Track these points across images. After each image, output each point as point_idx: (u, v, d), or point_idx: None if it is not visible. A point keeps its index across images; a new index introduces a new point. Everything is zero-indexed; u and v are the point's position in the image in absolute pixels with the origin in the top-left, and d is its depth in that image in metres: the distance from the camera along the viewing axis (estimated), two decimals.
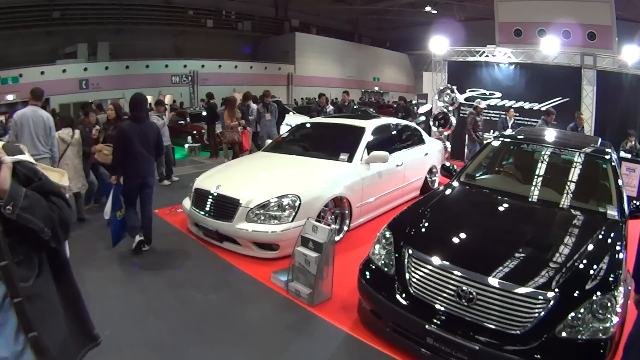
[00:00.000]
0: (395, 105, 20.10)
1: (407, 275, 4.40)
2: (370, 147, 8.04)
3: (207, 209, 6.96)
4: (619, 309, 3.76)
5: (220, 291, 5.80)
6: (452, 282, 4.11)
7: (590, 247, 4.46)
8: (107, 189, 7.56)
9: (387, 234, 4.89)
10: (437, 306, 4.12)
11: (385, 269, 4.64)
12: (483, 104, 14.04)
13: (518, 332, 3.74)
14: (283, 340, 4.78)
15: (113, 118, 8.57)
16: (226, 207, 6.71)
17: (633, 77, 14.07)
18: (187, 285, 5.89)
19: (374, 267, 4.78)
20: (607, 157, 6.14)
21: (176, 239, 7.57)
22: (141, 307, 5.34)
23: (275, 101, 15.57)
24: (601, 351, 3.61)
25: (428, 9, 35.30)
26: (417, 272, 4.36)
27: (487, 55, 16.27)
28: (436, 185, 10.28)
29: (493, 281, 3.95)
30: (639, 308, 3.83)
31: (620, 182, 5.72)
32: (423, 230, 4.95)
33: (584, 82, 14.79)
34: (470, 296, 3.95)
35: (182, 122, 18.23)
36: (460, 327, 3.93)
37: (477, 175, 6.80)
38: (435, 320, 4.04)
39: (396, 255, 4.62)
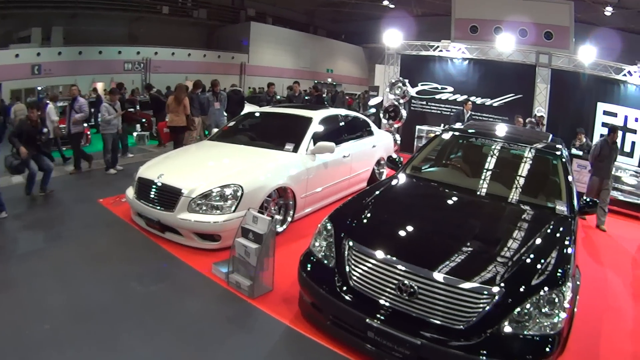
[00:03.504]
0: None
1: (348, 268, 4.34)
2: (317, 138, 8.01)
3: (150, 198, 6.79)
4: (567, 305, 3.77)
5: (161, 283, 5.69)
6: (393, 275, 4.06)
7: (538, 241, 4.48)
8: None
9: (328, 225, 4.81)
10: (378, 300, 4.07)
11: (326, 262, 4.57)
12: (542, 112, 13.89)
13: (462, 327, 3.71)
14: (223, 333, 4.71)
15: None
16: (168, 196, 6.56)
17: (587, 76, 14.44)
18: (127, 276, 5.73)
19: (314, 259, 4.70)
20: (558, 152, 6.18)
21: (118, 229, 7.38)
22: (81, 299, 5.17)
23: (234, 90, 15.40)
24: (548, 347, 3.62)
25: (385, 2, 35.41)
26: (358, 265, 4.31)
27: (440, 50, 16.39)
28: (384, 177, 10.29)
29: (437, 276, 3.91)
30: None
31: (570, 178, 5.77)
32: (365, 222, 4.88)
33: (537, 80, 15.08)
34: (412, 290, 3.90)
35: (132, 109, 17.93)
36: (402, 321, 3.90)
37: (423, 168, 6.74)
38: (376, 314, 3.99)
39: (336, 247, 4.54)
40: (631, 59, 15.07)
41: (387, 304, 4.02)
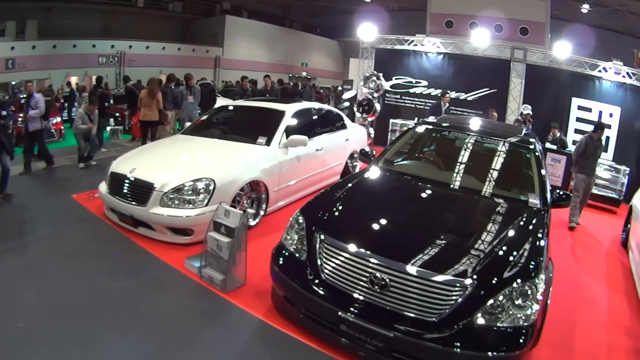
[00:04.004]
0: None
1: (319, 262, 4.35)
2: (290, 131, 8.03)
3: (122, 193, 6.75)
4: (539, 297, 3.82)
5: (134, 278, 5.65)
6: (365, 268, 4.08)
7: (511, 234, 4.52)
8: None
9: (300, 218, 4.82)
10: (350, 293, 4.10)
11: (297, 255, 4.58)
12: (528, 109, 13.69)
13: (434, 319, 3.74)
14: (196, 327, 4.70)
15: None
16: (140, 191, 6.53)
17: (561, 72, 14.65)
18: (101, 272, 5.67)
19: (286, 252, 4.70)
20: (531, 146, 6.24)
21: (91, 224, 7.31)
22: (55, 296, 5.12)
23: (204, 84, 15.34)
24: (522, 338, 3.67)
25: None
26: (329, 258, 4.33)
27: (415, 45, 16.47)
28: (357, 170, 10.23)
29: (409, 268, 3.94)
30: None
31: (543, 171, 5.84)
32: (336, 215, 4.90)
33: (512, 75, 15.24)
34: (383, 283, 3.92)
35: (105, 103, 17.73)
36: (375, 314, 3.92)
37: (396, 161, 6.77)
38: (348, 307, 4.01)
39: (308, 240, 4.55)
40: (605, 55, 15.34)
41: (359, 297, 4.04)
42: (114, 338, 4.42)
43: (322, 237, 4.46)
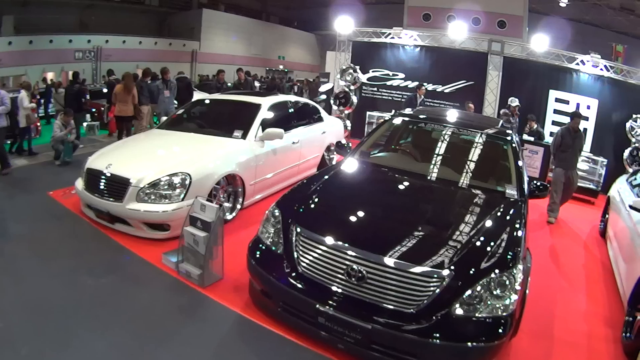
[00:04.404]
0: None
1: (296, 254, 4.34)
2: (266, 124, 8.01)
3: (99, 189, 6.68)
4: (518, 287, 3.84)
5: (112, 275, 5.59)
6: (342, 261, 4.08)
7: (488, 225, 4.54)
8: None
9: (276, 211, 4.79)
10: (328, 285, 4.09)
11: (274, 248, 4.56)
12: (516, 102, 13.35)
13: (412, 310, 3.75)
14: (174, 323, 4.69)
15: None
16: (117, 187, 6.48)
17: (539, 64, 14.82)
18: (78, 270, 5.62)
19: (263, 246, 4.68)
20: (508, 138, 6.29)
21: (68, 221, 7.23)
22: (33, 295, 5.06)
23: (180, 77, 15.26)
24: (501, 328, 3.69)
25: None
26: (306, 251, 4.32)
27: (392, 37, 16.49)
28: (334, 163, 10.25)
29: (386, 260, 3.94)
30: None
31: (520, 162, 5.86)
32: (312, 207, 4.90)
33: (489, 67, 15.35)
34: (360, 275, 3.93)
35: (82, 99, 17.55)
36: (352, 306, 3.92)
37: (372, 153, 6.77)
38: (326, 300, 4.00)
39: (284, 233, 4.54)
40: (583, 49, 15.52)
41: (337, 289, 4.04)
42: (94, 336, 4.38)
43: (299, 229, 4.44)
